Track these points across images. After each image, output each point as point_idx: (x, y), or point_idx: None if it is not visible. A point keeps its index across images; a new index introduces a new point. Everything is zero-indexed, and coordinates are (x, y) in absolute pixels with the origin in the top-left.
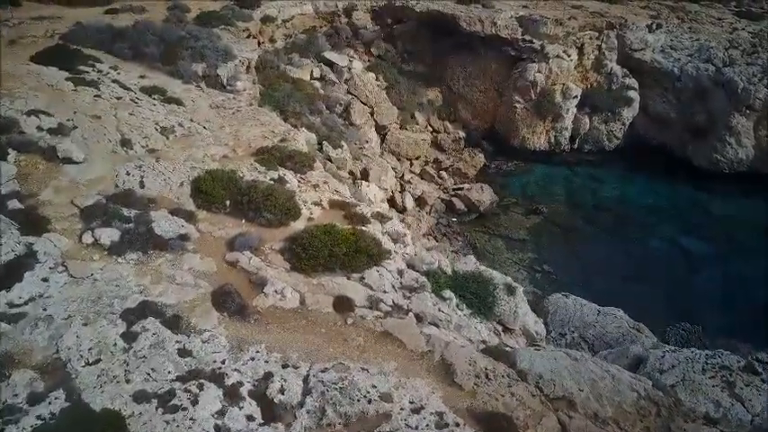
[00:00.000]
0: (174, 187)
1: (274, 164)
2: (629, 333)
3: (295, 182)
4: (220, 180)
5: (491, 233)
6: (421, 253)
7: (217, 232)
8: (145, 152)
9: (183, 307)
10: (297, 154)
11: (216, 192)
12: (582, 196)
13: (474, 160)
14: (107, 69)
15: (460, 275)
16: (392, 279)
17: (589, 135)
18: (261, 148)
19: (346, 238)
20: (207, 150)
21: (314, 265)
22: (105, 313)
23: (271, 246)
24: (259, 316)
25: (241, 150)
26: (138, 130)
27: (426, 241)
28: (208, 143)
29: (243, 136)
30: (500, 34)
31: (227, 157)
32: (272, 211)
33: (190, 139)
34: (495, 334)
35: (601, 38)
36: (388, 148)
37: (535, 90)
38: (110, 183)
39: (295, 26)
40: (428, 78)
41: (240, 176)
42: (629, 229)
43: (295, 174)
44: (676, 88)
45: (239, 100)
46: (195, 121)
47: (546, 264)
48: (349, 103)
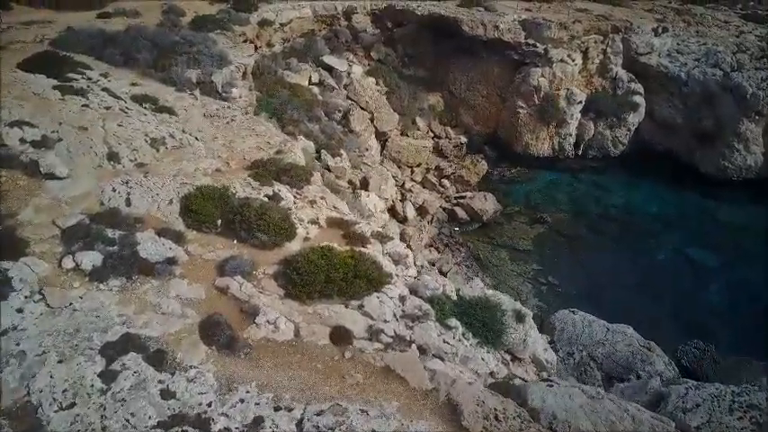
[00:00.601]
0: (163, 205)
1: (269, 178)
2: (640, 352)
3: (291, 198)
4: (211, 197)
5: (494, 243)
6: (424, 277)
7: (207, 255)
8: (133, 166)
9: (169, 340)
10: (293, 167)
11: (206, 210)
12: (586, 204)
13: (477, 168)
14: (97, 77)
15: (466, 301)
16: (393, 306)
17: (594, 141)
18: (255, 161)
19: (344, 262)
20: (199, 164)
21: (309, 292)
22: (83, 348)
23: (264, 270)
24: (250, 350)
25: (234, 163)
26: (126, 143)
27: (428, 253)
28: (200, 156)
29: (237, 147)
30: (503, 38)
31: (220, 170)
32: (266, 232)
33: (181, 151)
34: (504, 364)
35: (606, 42)
36: (389, 155)
37: (539, 95)
38: (94, 200)
39: (293, 30)
40: (429, 83)
41: (232, 193)
42: (635, 238)
43: (291, 188)
44: (683, 93)
45: (234, 108)
46: (187, 132)
47: (551, 275)
48: (348, 110)
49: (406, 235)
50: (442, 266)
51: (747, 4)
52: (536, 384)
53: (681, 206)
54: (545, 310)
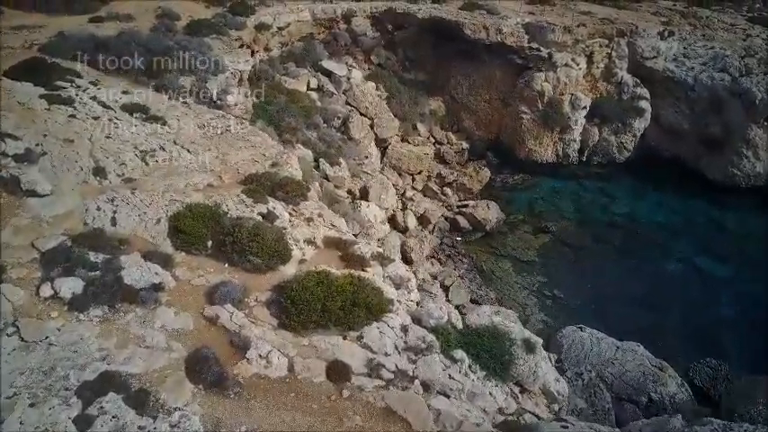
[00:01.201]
0: (150, 225)
1: (263, 195)
2: (652, 372)
3: (286, 216)
4: (202, 217)
5: (498, 254)
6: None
7: (196, 280)
8: (120, 181)
9: (152, 377)
10: (289, 182)
11: (196, 231)
12: (591, 212)
13: (479, 175)
14: (86, 85)
15: (473, 330)
16: (395, 338)
17: (598, 147)
18: (249, 176)
19: (342, 289)
20: (190, 179)
21: (305, 322)
22: (58, 389)
23: (256, 297)
24: (240, 388)
25: (228, 178)
26: (114, 156)
27: (430, 265)
28: (191, 170)
29: (231, 160)
30: (506, 42)
31: (212, 186)
32: (259, 255)
33: (171, 164)
34: (512, 397)
35: (611, 45)
36: (389, 162)
37: (542, 100)
38: (77, 220)
39: (291, 33)
40: (430, 87)
41: (224, 212)
42: (641, 247)
43: (287, 205)
44: (690, 98)
45: (229, 117)
46: (179, 144)
47: (556, 288)
48: (348, 116)
49: (407, 247)
50: (445, 280)
51: (753, 7)
52: (548, 425)
53: (688, 214)
54: (551, 325)
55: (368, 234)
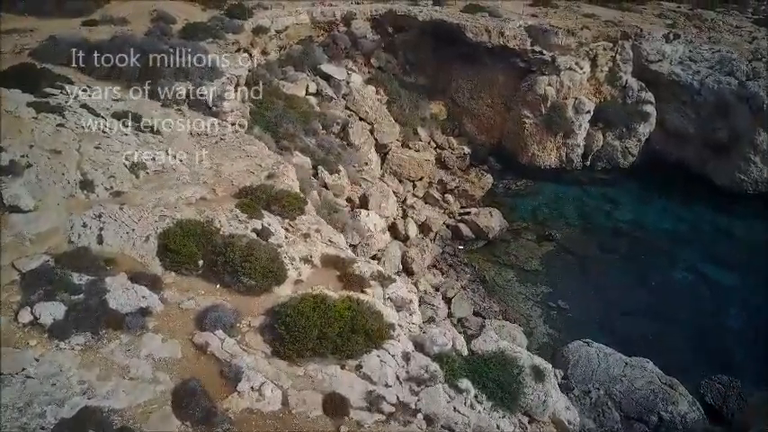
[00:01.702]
0: (139, 243)
1: (258, 209)
2: (662, 390)
3: (282, 232)
4: (193, 234)
5: (501, 263)
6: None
7: (185, 303)
8: (108, 195)
9: (136, 413)
10: (285, 195)
11: (186, 250)
12: (596, 219)
13: (481, 181)
14: (77, 91)
15: (479, 357)
16: (396, 367)
17: (602, 152)
18: (244, 189)
19: (340, 315)
20: (182, 192)
21: (300, 350)
22: (33, 428)
23: (249, 321)
24: (230, 425)
25: (221, 190)
26: (103, 168)
27: (432, 276)
28: (184, 182)
29: (225, 171)
30: (508, 45)
31: (205, 199)
32: (252, 276)
33: (163, 177)
34: (521, 429)
35: (615, 49)
36: (390, 168)
37: (545, 104)
38: (62, 237)
39: (290, 37)
40: (431, 91)
41: (216, 228)
42: (647, 255)
43: (282, 219)
44: (696, 102)
45: (224, 125)
46: (171, 154)
47: (561, 299)
48: (347, 122)
49: (408, 257)
50: (447, 291)
51: (759, 9)
52: None
53: (694, 221)
54: (556, 338)
55: (368, 244)
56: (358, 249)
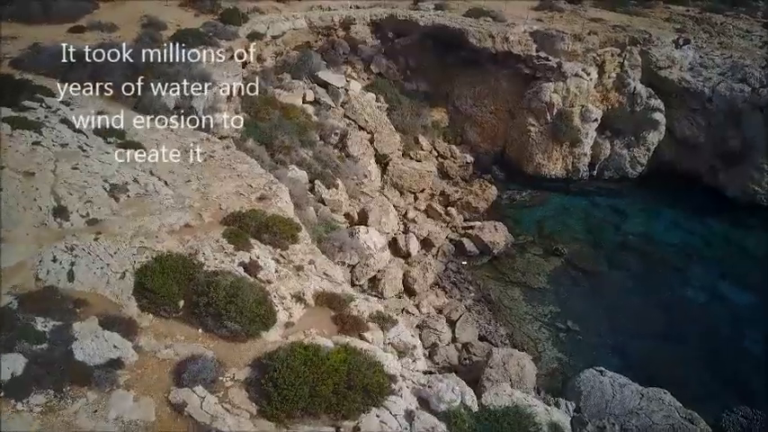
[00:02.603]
0: (114, 280)
1: (246, 239)
2: (681, 426)
3: (272, 264)
4: (173, 271)
5: (507, 280)
6: (437, 384)
7: (162, 351)
8: (84, 224)
9: None
10: (276, 222)
11: (166, 289)
12: (604, 233)
13: (485, 193)
14: (58, 105)
15: (491, 415)
16: (399, 428)
17: (610, 161)
18: (232, 215)
19: (335, 369)
20: (164, 218)
21: (290, 410)
22: None
23: (233, 374)
24: None
25: (208, 216)
26: (79, 192)
27: (435, 297)
28: (167, 206)
29: (213, 193)
30: (512, 51)
31: (190, 226)
32: (238, 320)
33: (145, 201)
34: None
35: (623, 54)
36: (390, 180)
37: (551, 112)
38: (29, 274)
39: (287, 43)
40: (433, 97)
41: (200, 262)
42: (658, 273)
43: (273, 249)
44: (707, 110)
45: (214, 142)
46: (156, 175)
47: (570, 319)
48: (346, 132)
49: (409, 278)
50: (451, 314)
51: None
52: None
53: (705, 234)
54: (565, 363)
55: (367, 264)
56: (357, 270)
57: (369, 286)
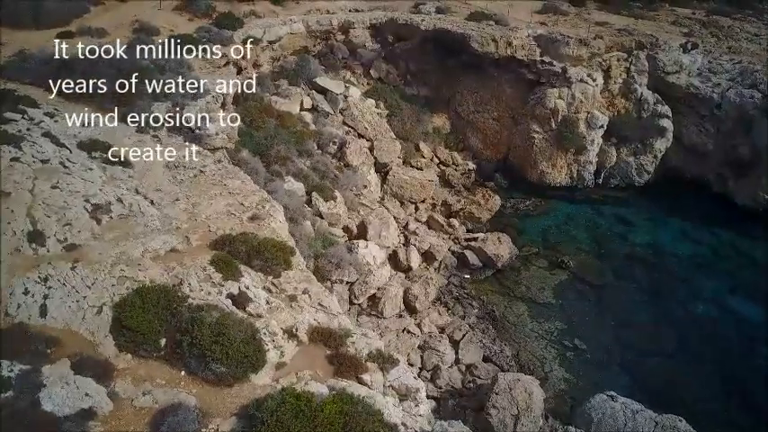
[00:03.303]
0: (90, 315)
1: (236, 266)
2: None
3: (263, 295)
4: (154, 305)
5: (511, 295)
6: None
7: (140, 399)
8: (61, 250)
9: None
10: (269, 246)
11: (146, 326)
12: (611, 243)
13: (489, 203)
14: (41, 116)
15: None
16: None
17: (616, 169)
18: (222, 238)
19: (329, 422)
20: (149, 242)
21: None
22: None
23: (217, 426)
24: None
25: (196, 239)
26: (58, 214)
27: (437, 315)
28: (152, 229)
29: (202, 213)
30: (516, 55)
31: (176, 251)
32: (224, 361)
33: (129, 222)
34: None
35: (629, 59)
36: (390, 190)
37: (556, 118)
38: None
39: (284, 47)
40: (434, 103)
41: (185, 294)
42: (666, 286)
43: (265, 277)
44: (716, 116)
45: (205, 155)
46: (141, 193)
47: (577, 337)
48: (344, 141)
49: (410, 295)
50: (454, 333)
51: None
52: None
53: (714, 244)
54: (573, 385)
55: (366, 282)
56: (355, 288)
57: (368, 305)
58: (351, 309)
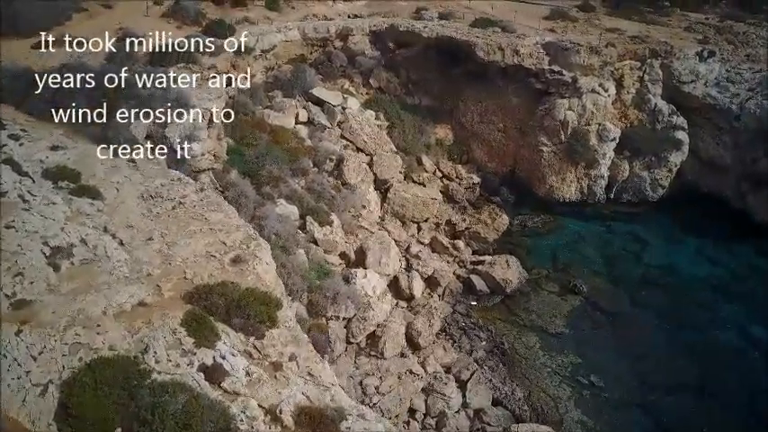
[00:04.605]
0: (32, 397)
1: (212, 327)
2: None
3: (242, 364)
4: (110, 384)
5: (520, 324)
6: None
7: None
8: (8, 307)
9: None
10: (252, 299)
11: (97, 413)
12: (625, 265)
13: (496, 222)
14: (5, 139)
15: None
16: None
17: (629, 183)
18: (198, 289)
19: None
20: (113, 295)
21: None
22: None
23: None
24: None
25: (169, 288)
26: (9, 261)
27: (442, 351)
28: (119, 277)
29: (178, 255)
30: (523, 64)
31: (145, 304)
32: None
33: (92, 269)
34: None
35: (643, 68)
36: (391, 209)
37: (565, 131)
38: None
39: (278, 56)
40: (436, 113)
41: (149, 368)
42: (685, 313)
43: (246, 338)
44: (734, 129)
45: (186, 183)
46: (110, 231)
47: (593, 372)
48: (342, 158)
49: (413, 331)
50: (461, 373)
51: None
52: None
53: (733, 265)
54: (591, 428)
55: (364, 318)
56: (353, 325)
57: (367, 343)
58: (348, 348)
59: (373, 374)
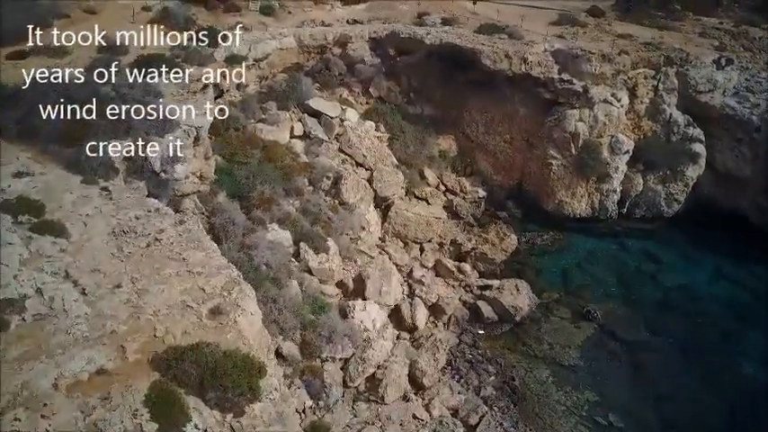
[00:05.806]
0: None
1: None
2: None
3: None
4: None
5: (531, 355)
6: None
7: None
8: None
9: None
10: (231, 365)
11: None
12: (640, 287)
13: (504, 243)
14: None
15: None
16: None
17: (642, 198)
18: (168, 352)
19: None
20: (66, 363)
21: None
22: None
23: None
24: None
25: (134, 350)
26: None
27: (449, 390)
28: (76, 337)
29: (149, 306)
30: (531, 73)
31: (105, 372)
32: None
33: (45, 329)
34: None
35: (657, 77)
36: (392, 229)
37: (576, 143)
38: None
39: (272, 65)
40: (439, 123)
41: None
42: (707, 340)
43: (222, 417)
44: (754, 140)
45: (163, 214)
46: (72, 278)
47: (611, 411)
48: (340, 175)
49: (417, 370)
50: (469, 416)
51: None
52: None
53: (754, 286)
54: None
55: (363, 359)
56: (350, 367)
57: (366, 387)
58: (345, 393)
59: (373, 423)
